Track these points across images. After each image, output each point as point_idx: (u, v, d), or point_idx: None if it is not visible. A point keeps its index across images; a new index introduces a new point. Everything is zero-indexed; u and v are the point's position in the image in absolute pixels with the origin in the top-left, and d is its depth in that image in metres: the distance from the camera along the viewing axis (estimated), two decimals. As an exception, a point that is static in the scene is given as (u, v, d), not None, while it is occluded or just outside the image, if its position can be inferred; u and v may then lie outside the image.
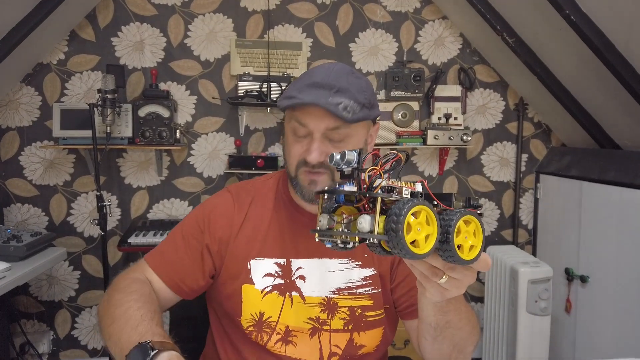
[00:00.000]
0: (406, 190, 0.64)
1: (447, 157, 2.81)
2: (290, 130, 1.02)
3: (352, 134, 1.00)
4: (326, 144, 0.98)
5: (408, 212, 0.59)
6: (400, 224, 0.58)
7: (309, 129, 0.97)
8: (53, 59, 2.55)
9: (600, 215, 2.29)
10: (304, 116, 0.97)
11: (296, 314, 1.05)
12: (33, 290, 2.64)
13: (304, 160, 0.99)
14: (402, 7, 2.76)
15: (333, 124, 0.96)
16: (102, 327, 0.93)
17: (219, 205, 1.11)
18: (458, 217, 0.64)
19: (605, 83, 2.09)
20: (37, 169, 2.59)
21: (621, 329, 2.13)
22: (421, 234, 0.61)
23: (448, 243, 0.63)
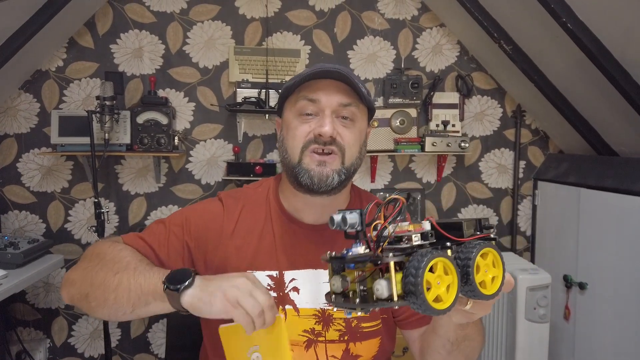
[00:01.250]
0: (415, 236, 0.61)
1: (445, 163, 2.82)
2: (295, 113, 1.00)
3: (358, 118, 1.01)
4: (335, 122, 0.97)
5: (425, 271, 0.56)
6: (419, 285, 0.55)
7: (320, 105, 0.97)
8: (52, 66, 2.55)
9: (598, 222, 2.29)
10: (315, 92, 0.97)
11: (291, 327, 1.02)
12: (30, 298, 2.63)
13: (312, 139, 0.97)
14: (399, 15, 2.77)
15: (346, 100, 0.97)
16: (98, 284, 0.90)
17: (207, 211, 1.08)
18: (475, 255, 0.61)
19: (602, 90, 2.10)
20: (35, 176, 2.59)
21: (620, 336, 2.13)
22: (441, 286, 0.59)
23: (470, 284, 0.61)
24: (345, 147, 0.98)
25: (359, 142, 1.02)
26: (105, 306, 0.88)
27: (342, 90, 0.98)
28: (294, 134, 1.00)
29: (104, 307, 0.88)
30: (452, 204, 2.89)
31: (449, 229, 0.64)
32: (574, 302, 2.44)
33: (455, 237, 0.64)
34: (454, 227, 0.65)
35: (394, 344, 1.13)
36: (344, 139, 0.98)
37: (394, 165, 2.85)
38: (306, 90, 0.98)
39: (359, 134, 1.02)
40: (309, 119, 0.98)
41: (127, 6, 2.58)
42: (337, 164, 0.98)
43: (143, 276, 0.86)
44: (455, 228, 0.65)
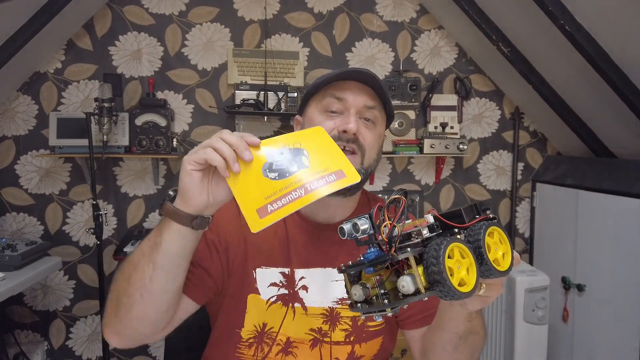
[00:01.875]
0: (424, 229, 0.63)
1: (443, 165, 2.82)
2: (320, 110, 1.03)
3: (379, 121, 1.04)
4: (359, 122, 1.00)
5: (445, 257, 0.58)
6: (443, 272, 0.57)
7: (346, 104, 1.00)
8: (50, 67, 2.55)
9: (596, 223, 2.30)
10: (343, 92, 1.00)
11: (298, 325, 1.03)
12: (27, 300, 2.62)
13: (335, 136, 0.98)
14: (398, 17, 2.78)
15: (371, 102, 1.01)
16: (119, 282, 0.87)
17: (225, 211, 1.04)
18: (483, 235, 0.63)
19: (600, 92, 2.10)
20: (33, 178, 2.58)
21: (618, 338, 2.13)
22: (462, 270, 0.61)
23: (485, 264, 0.62)
24: (366, 148, 1.01)
25: (378, 145, 1.06)
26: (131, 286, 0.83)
27: (368, 93, 1.01)
28: None
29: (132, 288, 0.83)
30: (451, 206, 2.89)
31: (450, 218, 0.66)
32: (572, 303, 2.44)
33: (458, 224, 0.66)
34: (455, 215, 0.67)
35: (394, 345, 1.14)
36: (366, 140, 1.01)
37: (392, 167, 2.86)
38: (334, 89, 1.01)
39: (378, 137, 1.05)
40: (333, 116, 1.01)
41: (126, 8, 2.58)
42: (358, 163, 1.00)
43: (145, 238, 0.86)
44: (456, 216, 0.67)
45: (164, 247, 0.81)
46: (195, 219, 0.79)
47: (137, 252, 0.85)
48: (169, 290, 0.85)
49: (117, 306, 0.86)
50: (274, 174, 0.77)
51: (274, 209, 0.74)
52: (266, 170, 0.77)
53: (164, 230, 0.80)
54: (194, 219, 0.79)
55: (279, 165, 0.78)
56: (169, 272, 0.82)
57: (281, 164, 0.78)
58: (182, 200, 0.79)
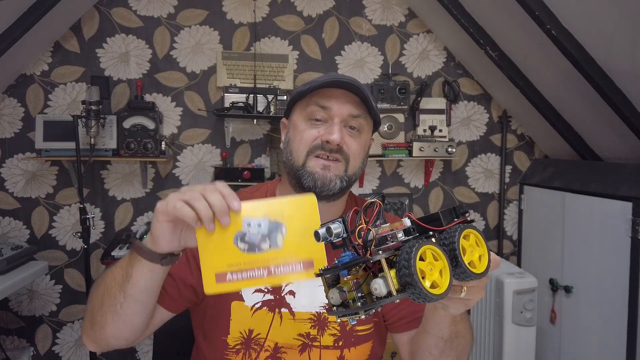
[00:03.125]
0: (399, 233, 0.64)
1: (432, 168, 2.84)
2: (304, 117, 1.01)
3: (365, 129, 1.03)
4: (344, 131, 0.99)
5: (416, 260, 0.58)
6: (414, 275, 0.57)
7: (330, 112, 0.99)
8: (36, 70, 2.52)
9: (583, 225, 2.32)
10: (328, 100, 0.99)
11: (286, 331, 1.03)
12: (13, 305, 2.58)
13: (319, 145, 0.98)
14: (387, 21, 2.79)
15: (356, 111, 0.99)
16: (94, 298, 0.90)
17: None
18: (457, 237, 0.64)
19: (586, 96, 2.13)
20: (19, 181, 2.55)
21: (605, 339, 2.15)
22: (434, 272, 0.61)
23: (460, 266, 0.63)
24: (350, 156, 1.00)
25: (363, 153, 1.05)
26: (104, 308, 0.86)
27: (353, 101, 1.00)
28: (301, 137, 1.01)
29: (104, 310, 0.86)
30: (440, 209, 2.90)
31: (428, 221, 0.67)
32: (559, 305, 2.46)
33: (435, 227, 0.66)
34: (433, 219, 0.67)
35: (383, 349, 1.14)
36: (350, 149, 1.00)
37: (382, 170, 2.86)
38: (318, 97, 1.00)
39: (364, 145, 1.04)
40: (317, 124, 1.00)
41: (114, 10, 2.57)
42: (341, 170, 0.99)
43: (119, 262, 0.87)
44: (434, 219, 0.67)
45: (134, 279, 0.83)
46: (164, 257, 0.80)
47: (109, 276, 0.87)
48: (140, 315, 0.88)
49: (92, 321, 0.89)
50: (244, 245, 0.76)
51: (232, 279, 0.75)
52: (238, 239, 0.76)
53: (135, 264, 0.82)
54: (164, 258, 0.80)
55: (252, 238, 0.76)
56: (139, 302, 0.85)
57: (254, 237, 0.76)
58: (152, 241, 0.80)
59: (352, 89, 0.99)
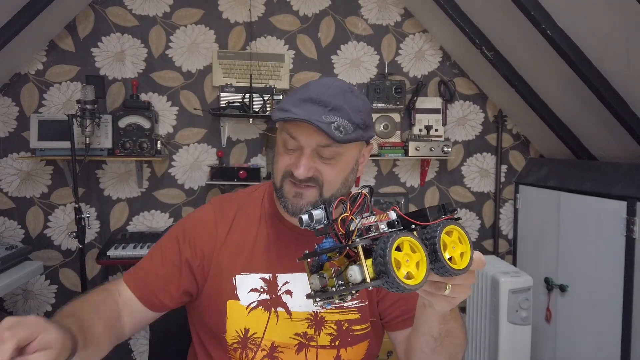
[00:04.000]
0: (382, 224, 0.65)
1: (428, 168, 2.84)
2: (281, 142, 1.00)
3: (343, 153, 0.97)
4: (316, 160, 0.96)
5: (391, 250, 0.59)
6: (388, 264, 0.58)
7: (300, 143, 0.95)
8: (31, 69, 2.51)
9: (578, 225, 2.33)
10: (296, 130, 0.95)
11: (282, 330, 1.03)
12: (8, 306, 2.57)
13: (290, 172, 0.97)
14: (383, 21, 2.79)
15: (324, 142, 0.94)
16: None
17: (200, 219, 1.09)
18: (439, 232, 0.64)
19: (581, 96, 2.14)
20: (14, 181, 2.54)
21: (600, 337, 2.17)
22: (411, 264, 0.61)
23: (439, 261, 0.63)
24: (323, 182, 0.97)
25: (344, 174, 1.00)
26: None
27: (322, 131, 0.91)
28: (276, 161, 1.01)
29: None
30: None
31: (415, 217, 0.67)
32: (555, 304, 2.47)
33: (421, 222, 0.67)
34: (420, 214, 0.68)
35: (379, 348, 1.14)
36: (324, 175, 0.97)
37: (378, 170, 2.87)
38: (289, 125, 0.96)
39: (343, 168, 0.99)
40: (290, 152, 0.98)
41: (109, 9, 2.55)
42: (314, 196, 0.97)
43: None
44: (421, 215, 0.68)
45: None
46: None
47: None
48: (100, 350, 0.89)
49: None
50: None
51: None
52: None
53: None
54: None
55: None
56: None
57: None
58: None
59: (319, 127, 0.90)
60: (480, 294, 2.51)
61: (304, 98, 0.95)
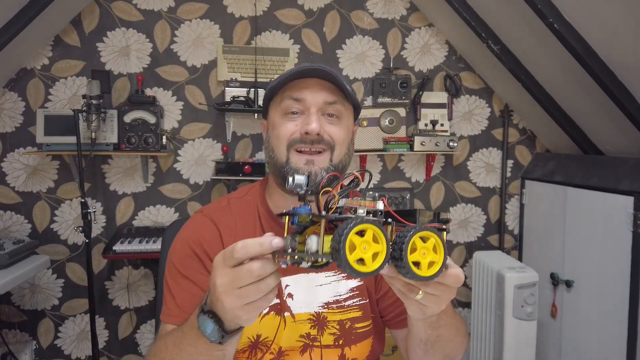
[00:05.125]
0: (361, 209, 0.64)
1: (433, 163, 2.83)
2: (280, 113, 0.98)
3: (344, 114, 0.99)
4: (322, 120, 0.96)
5: (350, 231, 0.59)
6: (342, 242, 0.58)
7: (305, 103, 0.95)
8: (37, 64, 2.52)
9: (584, 220, 2.32)
10: (300, 91, 0.95)
11: (288, 334, 1.02)
12: (15, 299, 2.59)
13: (298, 138, 0.95)
14: (388, 15, 2.78)
15: (331, 97, 0.95)
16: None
17: (204, 230, 1.04)
18: (412, 233, 0.63)
19: (589, 90, 2.12)
20: (20, 176, 2.55)
21: (606, 333, 2.16)
22: (368, 252, 0.61)
23: (402, 260, 0.62)
24: (334, 144, 0.97)
25: (347, 140, 1.01)
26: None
27: (327, 88, 0.96)
28: (278, 133, 0.98)
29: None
30: (441, 203, 2.91)
31: (405, 214, 0.67)
32: (560, 299, 2.47)
33: (409, 222, 0.66)
34: (410, 214, 0.67)
35: (383, 345, 1.13)
36: (332, 136, 0.97)
37: (383, 165, 2.86)
38: (291, 90, 0.96)
39: (346, 131, 1.01)
40: (294, 117, 0.97)
41: (114, 4, 2.55)
42: (326, 161, 0.96)
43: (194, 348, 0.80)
44: (410, 215, 0.67)
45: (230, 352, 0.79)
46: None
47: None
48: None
49: None
50: None
51: None
52: None
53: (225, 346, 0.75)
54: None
55: None
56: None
57: None
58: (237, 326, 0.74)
59: (324, 75, 0.95)
60: (485, 289, 2.51)
61: (300, 67, 0.97)
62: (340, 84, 0.96)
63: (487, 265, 2.49)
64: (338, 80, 0.95)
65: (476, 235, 2.96)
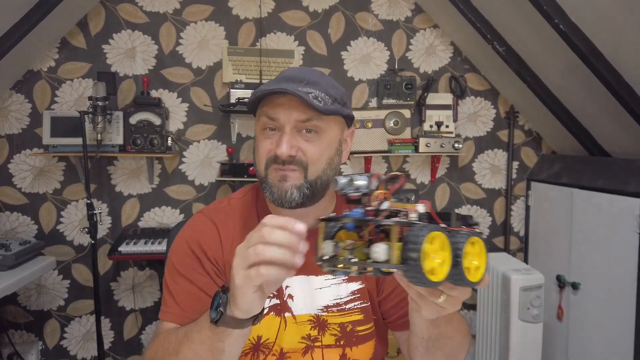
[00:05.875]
0: (413, 214, 0.63)
1: (439, 164, 2.82)
2: (260, 128, 0.97)
3: (325, 129, 0.96)
4: (297, 138, 0.94)
5: (426, 239, 0.57)
6: (418, 252, 0.56)
7: (279, 122, 0.93)
8: (43, 66, 2.53)
9: (590, 222, 2.31)
10: (274, 109, 0.93)
11: (290, 335, 1.01)
12: (21, 300, 2.61)
13: (273, 157, 0.94)
14: (393, 16, 2.78)
15: (304, 116, 0.92)
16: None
17: (203, 230, 1.04)
18: (465, 239, 0.62)
19: (594, 91, 2.11)
20: (27, 177, 2.57)
21: (613, 336, 2.14)
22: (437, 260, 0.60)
23: (457, 267, 0.61)
24: (308, 163, 0.95)
25: (328, 154, 0.98)
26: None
27: (300, 105, 0.91)
28: (258, 149, 0.98)
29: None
30: (446, 205, 2.90)
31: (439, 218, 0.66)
32: (567, 302, 2.45)
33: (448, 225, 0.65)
34: (444, 217, 0.66)
35: (386, 348, 1.12)
36: (307, 154, 0.95)
37: (388, 166, 2.86)
38: (267, 107, 0.94)
39: (327, 146, 0.97)
40: (271, 134, 0.96)
41: (120, 6, 2.57)
42: (299, 178, 0.94)
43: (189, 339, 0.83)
44: (444, 218, 0.66)
45: (229, 351, 0.81)
46: (256, 318, 0.78)
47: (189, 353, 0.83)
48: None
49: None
50: None
51: None
52: None
53: (225, 338, 0.78)
54: (255, 319, 0.78)
55: None
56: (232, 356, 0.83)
57: None
58: (241, 312, 0.75)
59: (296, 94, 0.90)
60: (491, 292, 2.50)
61: (279, 78, 0.95)
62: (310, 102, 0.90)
63: (493, 267, 2.48)
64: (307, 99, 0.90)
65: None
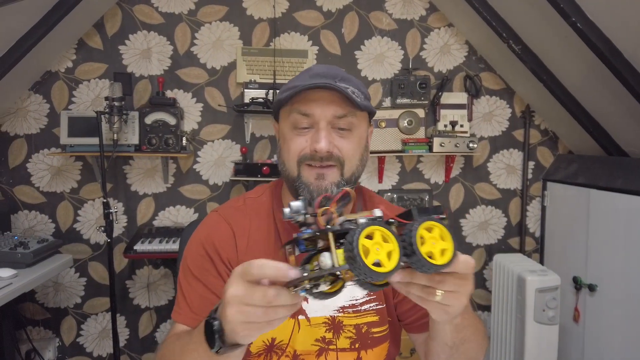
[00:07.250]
0: (362, 219, 0.64)
1: (453, 164, 2.80)
2: (290, 126, 0.96)
3: (357, 125, 0.96)
4: (332, 134, 0.94)
5: (360, 235, 0.59)
6: (355, 249, 0.58)
7: (314, 118, 0.93)
8: (61, 67, 2.57)
9: (608, 223, 2.27)
10: (308, 105, 0.92)
11: (304, 337, 1.01)
12: (39, 297, 2.65)
13: (308, 155, 0.93)
14: (407, 15, 2.76)
15: (341, 111, 0.92)
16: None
17: (218, 231, 1.03)
18: (416, 225, 0.63)
19: (612, 90, 2.08)
20: (45, 176, 2.61)
21: (630, 338, 2.11)
22: (381, 253, 0.60)
23: (415, 254, 0.61)
24: (344, 160, 0.95)
25: (359, 151, 0.99)
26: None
27: (337, 100, 0.92)
28: (289, 147, 0.96)
29: None
30: (460, 205, 2.88)
31: (403, 217, 0.67)
32: (583, 304, 2.42)
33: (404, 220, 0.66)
34: (405, 215, 0.67)
35: (399, 349, 1.12)
36: (343, 151, 0.95)
37: (401, 166, 2.84)
38: (299, 103, 0.93)
39: (358, 142, 0.98)
40: (304, 132, 0.95)
41: (136, 7, 2.60)
42: (336, 176, 0.94)
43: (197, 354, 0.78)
44: (408, 215, 0.67)
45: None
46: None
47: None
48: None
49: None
50: None
51: None
52: None
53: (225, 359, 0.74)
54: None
55: None
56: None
57: None
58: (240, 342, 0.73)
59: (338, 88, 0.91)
60: (506, 293, 2.48)
61: (311, 75, 0.95)
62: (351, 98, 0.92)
63: (508, 268, 2.46)
64: (348, 95, 0.91)
65: (496, 238, 2.92)
